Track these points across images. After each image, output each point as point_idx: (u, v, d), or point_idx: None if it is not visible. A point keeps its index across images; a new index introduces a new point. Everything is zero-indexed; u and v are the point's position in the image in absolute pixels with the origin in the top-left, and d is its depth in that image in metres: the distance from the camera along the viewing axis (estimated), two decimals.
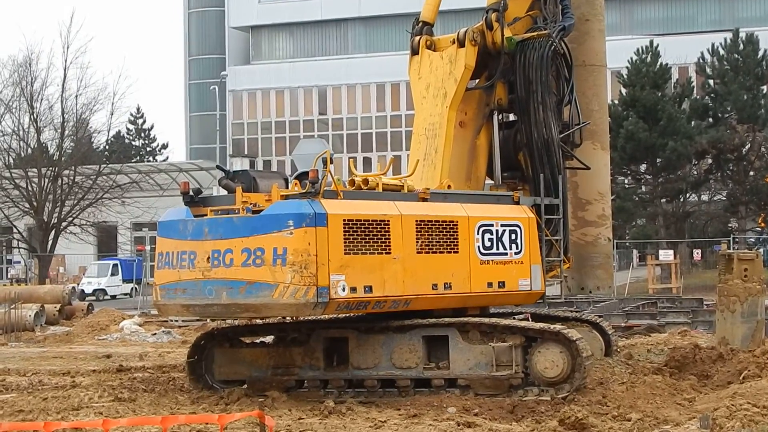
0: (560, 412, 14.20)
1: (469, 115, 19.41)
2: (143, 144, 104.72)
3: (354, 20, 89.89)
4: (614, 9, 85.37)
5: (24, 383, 19.87)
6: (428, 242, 16.82)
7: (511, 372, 16.37)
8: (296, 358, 17.42)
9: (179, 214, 16.82)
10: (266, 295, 15.65)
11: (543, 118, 19.30)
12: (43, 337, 32.28)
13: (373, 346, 17.00)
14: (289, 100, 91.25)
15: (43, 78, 59.52)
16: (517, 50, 19.44)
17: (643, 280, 51.23)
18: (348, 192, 16.51)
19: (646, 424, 14.02)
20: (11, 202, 56.88)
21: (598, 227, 27.52)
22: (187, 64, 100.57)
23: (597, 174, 27.31)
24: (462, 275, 17.20)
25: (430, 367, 16.77)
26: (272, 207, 15.87)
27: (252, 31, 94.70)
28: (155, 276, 17.28)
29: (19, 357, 26.42)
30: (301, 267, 15.46)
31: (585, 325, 19.58)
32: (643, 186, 59.27)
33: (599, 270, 27.76)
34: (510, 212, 18.16)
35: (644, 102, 55.77)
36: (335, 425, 14.32)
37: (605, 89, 28.77)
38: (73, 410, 15.99)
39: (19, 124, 60.29)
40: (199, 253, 16.25)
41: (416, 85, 19.65)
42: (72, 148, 58.96)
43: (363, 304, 16.20)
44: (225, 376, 18.01)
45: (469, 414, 15.01)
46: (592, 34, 27.70)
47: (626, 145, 55.34)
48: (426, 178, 18.52)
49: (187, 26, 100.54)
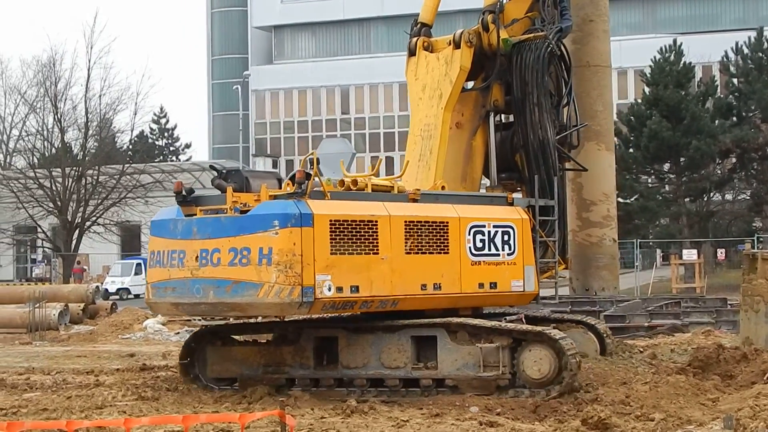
0: (583, 412, 14.17)
1: (465, 116, 19.49)
2: (166, 143, 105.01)
3: (376, 20, 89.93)
4: (638, 8, 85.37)
5: (48, 382, 19.94)
6: (417, 243, 16.88)
7: (498, 373, 16.40)
8: (287, 357, 17.54)
9: (170, 214, 17.02)
10: (252, 294, 15.81)
11: (539, 119, 19.33)
12: (67, 336, 32.38)
13: (363, 346, 17.08)
14: (311, 99, 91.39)
15: (67, 78, 59.86)
16: (514, 52, 19.48)
17: (666, 280, 51.10)
18: (336, 192, 16.57)
19: (670, 424, 13.97)
20: (35, 201, 57.14)
21: (603, 228, 27.51)
22: (210, 64, 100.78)
23: (601, 175, 27.32)
24: (452, 276, 17.26)
25: (419, 367, 16.83)
26: (259, 207, 16.00)
27: (275, 31, 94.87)
28: (147, 274, 17.50)
29: (43, 356, 26.52)
30: (286, 267, 15.60)
31: (580, 327, 19.57)
32: (666, 185, 59.06)
33: (604, 271, 27.77)
34: (503, 213, 18.20)
35: (668, 101, 55.57)
36: (357, 424, 14.32)
37: (610, 90, 28.75)
38: (96, 409, 16.05)
39: (44, 124, 60.65)
40: (188, 252, 16.43)
41: (413, 86, 19.75)
42: (96, 147, 59.20)
43: (349, 304, 16.31)
44: (217, 374, 18.13)
45: (491, 413, 14.99)
46: (596, 34, 27.66)
47: (649, 144, 55.17)
48: (420, 179, 18.60)
49: (210, 26, 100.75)
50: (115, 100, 59.58)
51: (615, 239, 28.00)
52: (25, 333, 32.34)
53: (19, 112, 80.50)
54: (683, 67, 57.55)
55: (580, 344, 18.89)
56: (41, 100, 63.41)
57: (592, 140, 26.73)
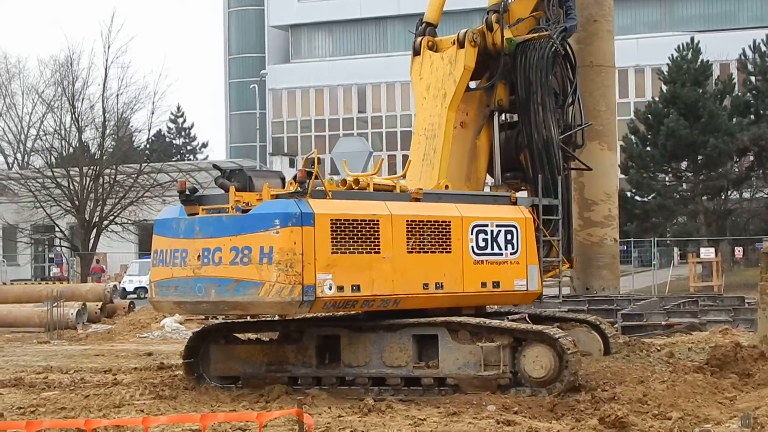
0: (600, 411, 14.15)
1: (470, 116, 19.55)
2: (184, 143, 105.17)
3: (393, 18, 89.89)
4: (655, 6, 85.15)
5: (66, 381, 20.01)
6: (419, 242, 16.95)
7: (498, 372, 16.45)
8: (289, 356, 17.63)
9: (173, 213, 17.12)
10: (253, 293, 15.89)
11: (543, 119, 19.40)
12: (85, 334, 32.47)
13: (364, 345, 17.16)
14: (328, 98, 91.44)
15: (85, 77, 60.00)
16: (518, 51, 19.55)
17: (684, 278, 50.97)
18: (337, 192, 16.64)
19: (687, 423, 13.94)
20: (53, 200, 57.28)
21: (604, 228, 27.61)
22: (227, 63, 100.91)
23: (604, 175, 27.42)
24: (454, 275, 17.32)
25: (420, 366, 16.89)
26: (260, 206, 16.07)
27: (292, 30, 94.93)
28: (150, 273, 17.61)
29: (61, 354, 26.60)
30: (286, 266, 15.68)
31: (584, 326, 19.60)
32: (684, 183, 58.89)
33: (605, 270, 27.85)
34: (506, 213, 18.25)
35: (685, 99, 55.42)
36: (375, 423, 14.34)
37: (613, 90, 28.87)
38: (114, 408, 16.10)
39: (61, 124, 60.80)
40: (190, 251, 16.52)
41: (417, 86, 19.80)
42: (113, 147, 59.31)
43: (351, 303, 16.39)
44: (220, 372, 18.22)
45: (508, 412, 14.98)
46: (600, 34, 27.71)
47: (667, 142, 55.04)
48: (424, 179, 18.69)
49: (227, 25, 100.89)
50: (132, 99, 59.73)
51: (616, 239, 28.11)
52: (43, 332, 32.44)
53: (36, 112, 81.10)
54: (701, 65, 57.41)
55: (584, 344, 19.04)
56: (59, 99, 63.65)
57: (595, 140, 26.88)
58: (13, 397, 17.73)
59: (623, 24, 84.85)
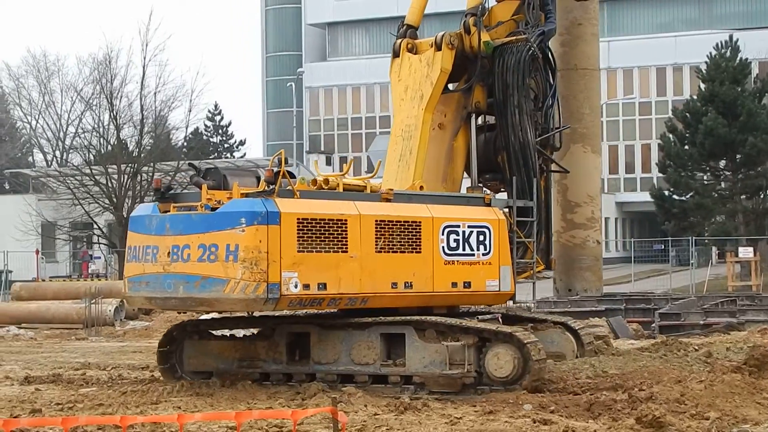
0: (637, 410, 14.09)
1: (447, 117, 19.79)
2: (221, 140, 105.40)
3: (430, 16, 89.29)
4: (693, 4, 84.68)
5: (104, 377, 20.13)
6: (389, 242, 17.23)
7: (462, 371, 16.64)
8: (261, 352, 17.99)
9: (147, 210, 17.52)
10: (218, 290, 16.22)
11: (519, 121, 19.62)
12: (123, 331, 32.66)
13: (333, 342, 17.48)
14: (365, 96, 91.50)
15: (123, 75, 60.20)
16: (496, 54, 19.77)
17: (722, 278, 50.68)
18: (306, 192, 16.85)
19: (725, 423, 13.86)
20: (91, 198, 57.52)
21: (587, 230, 27.84)
22: (264, 61, 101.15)
23: (587, 177, 27.66)
24: (424, 275, 17.58)
25: (387, 364, 17.16)
26: (228, 205, 16.39)
27: (328, 28, 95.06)
28: (125, 269, 17.94)
29: (99, 351, 26.76)
30: (251, 263, 15.99)
31: (558, 327, 19.67)
32: (722, 182, 58.57)
33: (587, 272, 28.07)
34: (479, 214, 18.46)
35: (723, 97, 55.11)
36: (410, 421, 14.34)
37: (598, 93, 29.09)
38: (151, 404, 16.18)
39: (99, 121, 61.09)
40: (161, 247, 16.86)
41: (396, 87, 20.01)
42: (151, 144, 59.51)
43: (317, 301, 16.69)
44: (194, 367, 18.55)
45: (545, 411, 14.95)
46: (584, 38, 27.85)
47: (705, 141, 54.77)
48: (400, 179, 18.94)
49: (264, 23, 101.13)
50: (170, 97, 59.91)
51: (599, 241, 28.38)
52: (82, 328, 32.67)
53: (75, 110, 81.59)
54: (739, 63, 57.06)
55: (558, 344, 19.34)
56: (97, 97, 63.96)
57: (578, 142, 27.16)
58: (52, 393, 17.85)
59: (661, 22, 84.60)
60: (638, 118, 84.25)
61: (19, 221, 60.05)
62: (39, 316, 34.36)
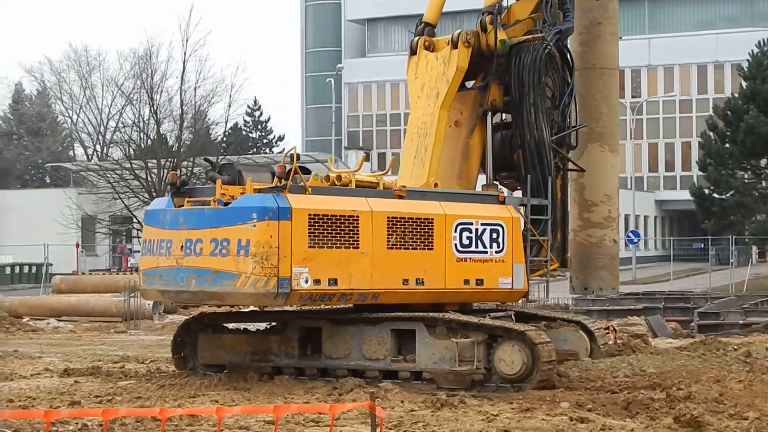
0: (675, 410, 14.02)
1: (464, 115, 19.78)
2: (260, 136, 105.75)
3: (469, 12, 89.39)
4: (735, 1, 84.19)
5: (142, 370, 20.22)
6: (400, 238, 17.28)
7: (472, 367, 16.68)
8: (273, 346, 18.07)
9: (162, 204, 17.65)
10: (229, 284, 16.33)
11: (534, 119, 19.62)
12: (161, 325, 32.78)
13: (345, 337, 17.55)
14: (404, 93, 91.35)
15: (163, 70, 60.68)
16: (512, 53, 19.76)
17: (762, 277, 50.30)
18: (318, 188, 16.92)
19: (764, 423, 13.77)
20: (131, 192, 57.92)
21: (604, 229, 27.81)
22: (303, 57, 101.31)
23: (604, 176, 27.65)
24: (436, 272, 17.61)
25: (398, 360, 17.22)
26: (240, 200, 16.48)
27: (368, 24, 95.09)
28: (140, 262, 18.10)
29: (137, 344, 26.91)
30: (262, 258, 16.08)
31: (572, 325, 19.64)
32: (763, 181, 58.23)
33: (603, 271, 28.04)
34: (492, 211, 18.47)
35: (765, 95, 54.80)
36: (447, 417, 14.34)
37: (616, 92, 29.02)
38: (189, 398, 16.25)
39: (140, 116, 61.52)
40: (174, 241, 16.97)
41: (412, 85, 20.05)
42: (190, 139, 59.82)
43: (327, 297, 16.79)
44: (207, 360, 18.70)
45: (582, 409, 14.91)
46: (603, 37, 27.80)
47: (746, 139, 54.47)
48: (415, 177, 18.96)
49: (304, 19, 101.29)
50: (209, 92, 60.28)
51: (615, 240, 28.33)
52: (121, 322, 32.83)
53: (116, 104, 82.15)
54: None
55: (571, 342, 19.30)
56: (138, 92, 64.43)
57: (596, 141, 27.16)
58: (91, 386, 17.96)
59: (702, 19, 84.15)
60: (679, 116, 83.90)
61: (60, 215, 60.54)
62: (78, 309, 34.57)
